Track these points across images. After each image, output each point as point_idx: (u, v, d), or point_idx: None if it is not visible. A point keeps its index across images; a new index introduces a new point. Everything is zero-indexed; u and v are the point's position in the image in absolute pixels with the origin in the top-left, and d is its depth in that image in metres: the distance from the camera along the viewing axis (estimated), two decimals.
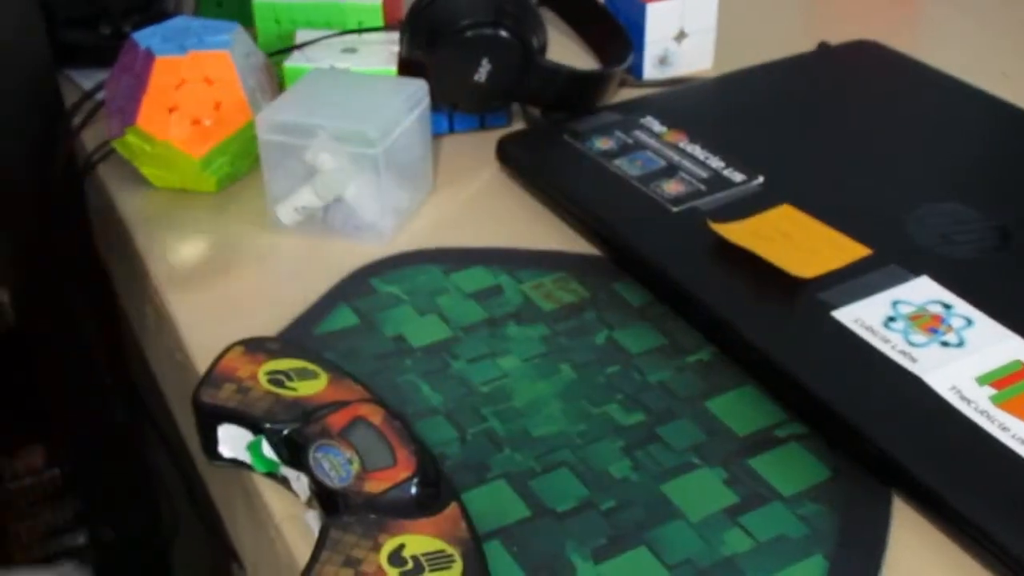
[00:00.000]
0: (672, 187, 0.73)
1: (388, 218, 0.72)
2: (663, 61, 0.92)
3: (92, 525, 1.28)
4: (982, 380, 0.56)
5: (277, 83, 0.82)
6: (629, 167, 0.75)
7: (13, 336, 1.06)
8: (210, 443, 0.56)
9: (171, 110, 0.74)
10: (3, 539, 1.30)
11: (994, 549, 0.48)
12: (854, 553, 0.50)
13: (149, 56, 0.74)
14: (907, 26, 1.07)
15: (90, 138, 0.86)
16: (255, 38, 0.87)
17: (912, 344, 0.58)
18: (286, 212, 0.73)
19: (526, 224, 0.74)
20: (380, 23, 0.87)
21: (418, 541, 0.48)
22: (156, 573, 1.25)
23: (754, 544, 0.50)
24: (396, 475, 0.50)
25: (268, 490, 0.55)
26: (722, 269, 0.65)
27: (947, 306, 0.61)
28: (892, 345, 0.58)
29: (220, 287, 0.69)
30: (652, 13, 0.90)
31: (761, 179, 0.73)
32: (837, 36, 0.95)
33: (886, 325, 0.60)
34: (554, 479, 0.54)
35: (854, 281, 0.63)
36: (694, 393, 0.59)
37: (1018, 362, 0.57)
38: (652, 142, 0.78)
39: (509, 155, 0.80)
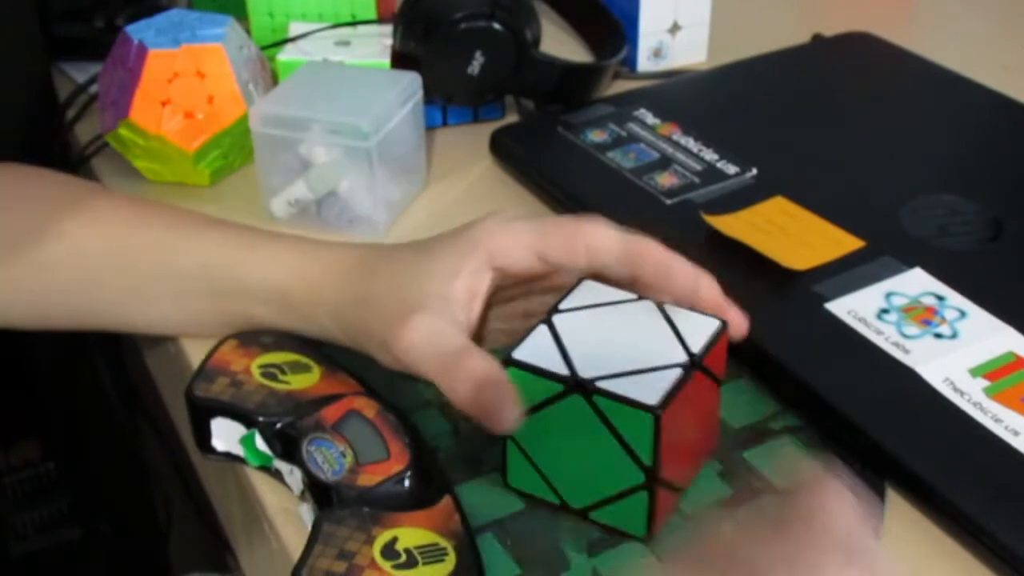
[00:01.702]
0: (666, 179, 0.73)
1: (381, 211, 0.72)
2: (657, 54, 0.92)
3: (87, 518, 1.28)
4: (975, 372, 0.56)
5: (270, 76, 0.82)
6: (623, 159, 0.75)
7: (8, 330, 1.06)
8: (203, 437, 0.56)
9: (164, 103, 0.74)
10: (1, 531, 1.30)
11: (987, 540, 0.48)
12: None
13: (142, 49, 0.74)
14: (903, 18, 1.07)
15: (84, 131, 0.86)
16: (248, 31, 0.87)
17: (905, 336, 0.58)
18: (280, 206, 0.73)
19: None
20: (374, 16, 0.87)
21: (411, 534, 0.48)
22: (151, 565, 1.25)
23: None
24: (389, 468, 0.50)
25: (261, 484, 0.55)
26: (715, 261, 0.65)
27: (940, 298, 0.61)
28: (885, 337, 0.58)
29: None
30: (646, 5, 0.89)
31: (754, 171, 0.73)
32: (831, 28, 0.95)
33: (879, 317, 0.60)
34: None
35: (847, 273, 0.63)
36: None
37: (1011, 354, 0.57)
38: (646, 134, 0.78)
39: (503, 148, 0.79)
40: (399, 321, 0.52)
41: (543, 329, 0.50)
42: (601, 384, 0.47)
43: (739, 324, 0.52)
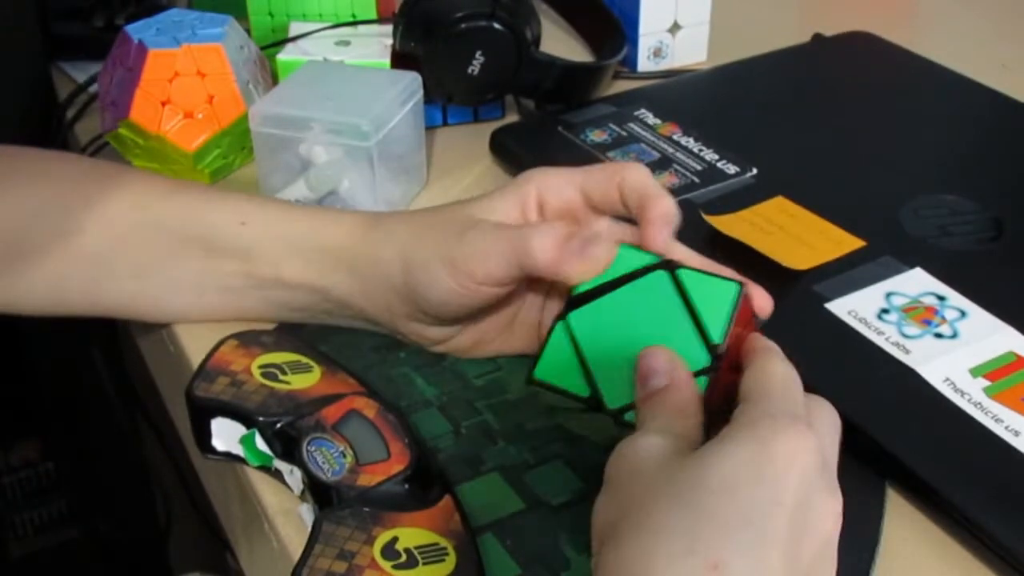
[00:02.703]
0: (666, 179, 0.73)
1: (382, 211, 0.72)
2: (657, 53, 0.92)
3: (87, 518, 1.28)
4: (976, 372, 0.56)
5: (270, 76, 0.82)
6: (623, 160, 0.75)
7: (9, 330, 1.06)
8: (203, 437, 0.56)
9: (164, 103, 0.74)
10: (1, 531, 1.30)
11: (987, 541, 0.48)
12: (848, 545, 0.50)
13: (142, 49, 0.74)
14: (903, 18, 1.07)
15: (84, 131, 0.86)
16: (248, 31, 0.87)
17: (906, 336, 0.58)
18: None
19: None
20: (374, 16, 0.87)
21: (412, 534, 0.48)
22: (151, 566, 1.25)
23: None
24: (390, 468, 0.50)
25: (261, 484, 0.55)
26: (716, 261, 0.65)
27: (941, 298, 0.61)
28: (886, 337, 0.58)
29: None
30: (646, 5, 0.89)
31: (755, 171, 0.73)
32: (831, 28, 0.95)
33: (880, 317, 0.60)
34: (548, 472, 0.54)
35: (848, 273, 0.63)
36: None
37: (1012, 354, 0.57)
38: (646, 134, 0.78)
39: (503, 147, 0.79)
40: (458, 234, 0.54)
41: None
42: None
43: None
